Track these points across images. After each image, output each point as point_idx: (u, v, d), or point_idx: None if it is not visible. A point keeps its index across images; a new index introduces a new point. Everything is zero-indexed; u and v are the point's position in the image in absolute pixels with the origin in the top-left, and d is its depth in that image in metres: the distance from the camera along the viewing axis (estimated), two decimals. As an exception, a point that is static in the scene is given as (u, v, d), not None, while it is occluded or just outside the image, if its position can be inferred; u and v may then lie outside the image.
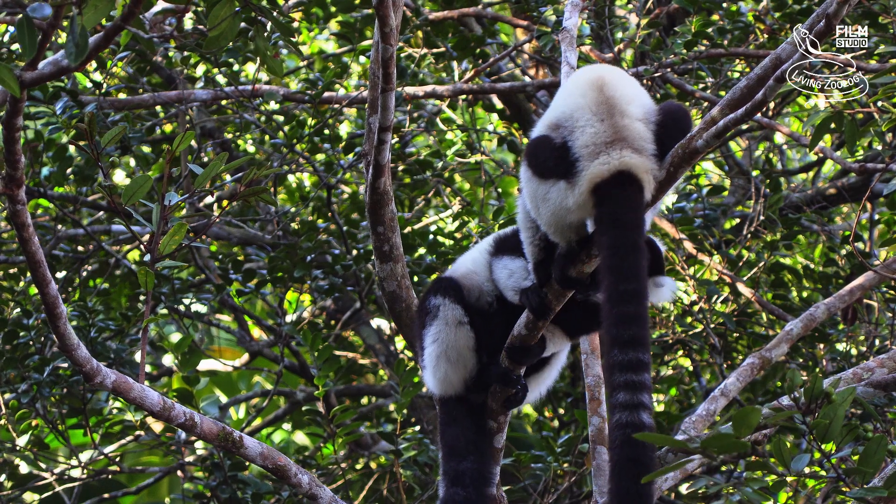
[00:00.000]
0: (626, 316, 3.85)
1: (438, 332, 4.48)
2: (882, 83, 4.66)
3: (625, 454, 3.74)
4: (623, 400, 3.78)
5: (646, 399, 3.78)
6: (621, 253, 3.92)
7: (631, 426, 3.75)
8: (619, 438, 3.76)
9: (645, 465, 3.73)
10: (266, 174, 7.29)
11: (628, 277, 3.89)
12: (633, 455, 3.73)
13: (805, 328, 5.19)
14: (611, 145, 4.03)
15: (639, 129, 4.05)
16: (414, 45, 7.84)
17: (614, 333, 3.84)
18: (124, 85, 7.52)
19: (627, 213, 3.98)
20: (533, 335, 4.37)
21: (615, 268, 3.91)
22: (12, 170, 3.44)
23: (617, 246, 3.93)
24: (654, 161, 4.02)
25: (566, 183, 4.05)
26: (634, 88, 4.20)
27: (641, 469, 3.72)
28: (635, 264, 3.92)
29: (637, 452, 3.73)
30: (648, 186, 4.00)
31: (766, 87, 3.77)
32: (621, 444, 3.75)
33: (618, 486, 3.73)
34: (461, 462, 4.47)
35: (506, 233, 4.59)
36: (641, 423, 3.75)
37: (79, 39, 3.03)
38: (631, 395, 3.78)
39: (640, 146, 4.02)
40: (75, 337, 3.79)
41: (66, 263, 7.70)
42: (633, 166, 3.99)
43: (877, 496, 3.37)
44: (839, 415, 3.38)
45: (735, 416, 3.32)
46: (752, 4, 7.50)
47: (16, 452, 6.88)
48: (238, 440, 4.18)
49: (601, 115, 4.07)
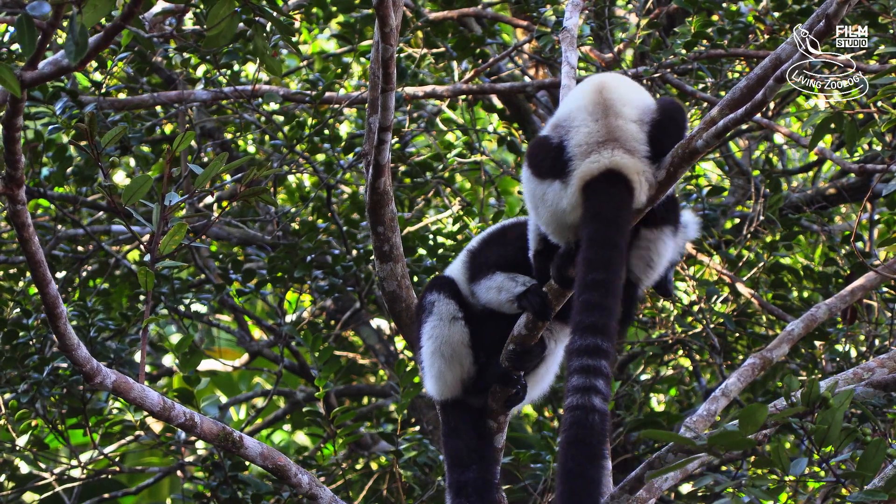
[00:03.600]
0: (590, 303, 3.88)
1: (433, 328, 4.48)
2: (882, 84, 4.66)
3: (573, 435, 3.77)
4: (576, 384, 3.82)
5: (600, 384, 3.81)
6: (596, 246, 3.95)
7: (581, 409, 3.78)
8: (569, 420, 3.79)
9: (593, 448, 3.76)
10: (266, 174, 7.29)
11: (598, 268, 3.91)
12: (581, 436, 3.76)
13: (806, 328, 5.19)
14: (603, 145, 4.05)
15: (632, 130, 4.06)
16: (414, 45, 7.84)
17: (577, 320, 3.88)
18: (124, 85, 7.52)
19: (609, 210, 4.01)
20: (533, 335, 4.37)
21: (588, 259, 3.95)
22: (12, 170, 3.44)
23: (594, 239, 3.97)
24: (648, 163, 4.03)
25: (560, 183, 4.07)
26: (634, 91, 4.21)
27: (589, 451, 3.75)
28: (608, 257, 3.94)
29: (585, 434, 3.77)
30: (640, 188, 4.02)
31: (766, 87, 3.77)
32: (569, 426, 3.78)
33: (565, 468, 3.76)
34: (464, 473, 4.48)
35: (473, 249, 4.59)
36: (592, 406, 3.78)
37: (78, 39, 3.03)
38: (585, 379, 3.81)
39: (633, 147, 4.04)
40: (75, 337, 3.78)
41: (66, 263, 7.70)
42: (623, 166, 4.01)
43: (877, 500, 3.36)
44: (837, 419, 3.38)
45: (742, 414, 3.32)
46: (752, 4, 7.50)
47: (16, 452, 6.88)
48: (238, 440, 4.18)
49: (596, 115, 4.09)
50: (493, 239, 4.57)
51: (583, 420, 3.78)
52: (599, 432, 3.79)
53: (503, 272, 4.40)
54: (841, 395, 3.42)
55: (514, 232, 4.51)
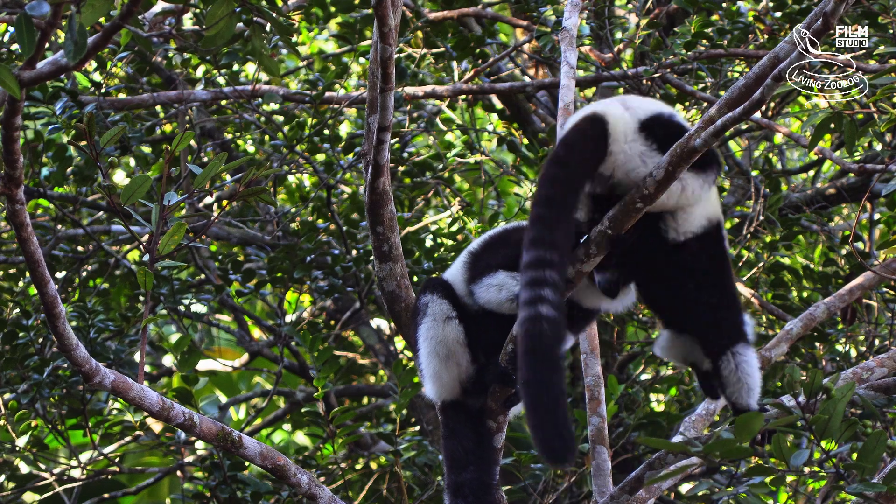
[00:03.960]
0: (532, 219, 3.99)
1: (428, 329, 4.48)
2: (881, 84, 4.66)
3: (525, 346, 3.85)
4: (524, 297, 3.90)
5: (546, 292, 3.87)
6: (548, 162, 4.09)
7: (530, 320, 3.86)
8: (520, 334, 3.89)
9: (547, 354, 3.84)
10: (266, 174, 7.29)
11: (542, 183, 4.03)
12: (533, 346, 3.85)
13: (805, 328, 5.19)
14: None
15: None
16: (414, 45, 7.84)
17: (525, 239, 3.99)
18: (124, 85, 7.52)
19: (571, 133, 4.13)
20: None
21: (540, 176, 4.11)
22: (11, 169, 3.44)
23: (549, 158, 4.12)
24: (638, 132, 4.11)
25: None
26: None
27: (543, 358, 3.83)
28: (550, 172, 4.04)
29: (537, 343, 3.85)
30: (619, 131, 4.09)
31: (764, 85, 3.77)
32: (521, 339, 3.87)
33: (524, 380, 3.84)
34: (461, 473, 4.48)
35: (475, 250, 4.60)
36: (540, 315, 3.86)
37: (77, 38, 3.03)
38: (531, 291, 3.89)
39: (629, 106, 4.17)
40: (74, 337, 3.78)
41: (66, 263, 7.70)
42: (608, 113, 4.12)
43: (876, 492, 3.37)
44: (839, 410, 3.38)
45: (737, 422, 3.32)
46: (751, 4, 7.50)
47: (16, 453, 6.88)
48: (237, 440, 4.18)
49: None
50: (497, 241, 4.57)
51: (532, 330, 3.85)
52: (550, 338, 3.86)
53: (506, 271, 4.40)
54: (843, 386, 3.42)
55: (517, 235, 4.52)
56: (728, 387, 4.21)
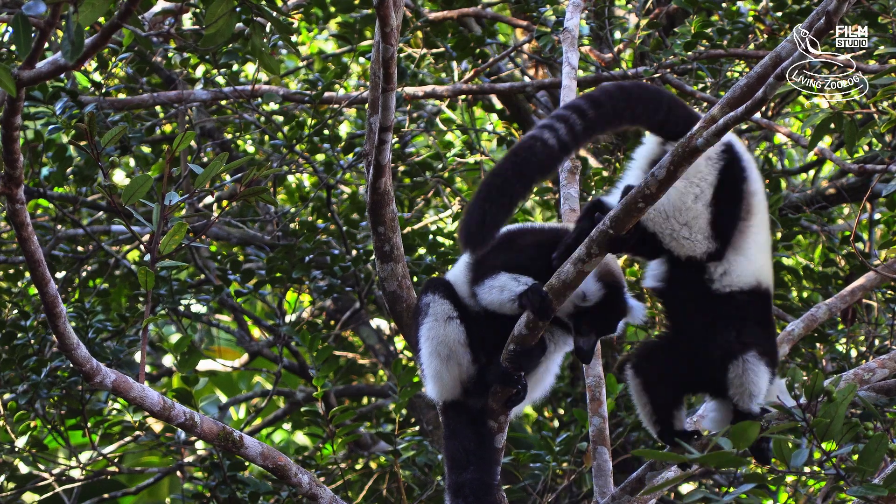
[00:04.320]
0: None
1: (429, 329, 4.47)
2: (882, 84, 4.66)
3: (511, 152, 4.14)
4: (539, 124, 4.18)
5: (558, 125, 4.11)
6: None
7: (531, 138, 4.11)
8: (515, 145, 4.16)
9: (525, 165, 4.08)
10: (266, 174, 7.28)
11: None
12: (517, 152, 4.10)
13: (806, 328, 5.18)
14: None
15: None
16: (414, 45, 7.83)
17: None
18: (124, 85, 7.52)
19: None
20: (533, 335, 4.36)
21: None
22: (11, 169, 3.44)
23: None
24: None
25: None
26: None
27: (520, 166, 4.08)
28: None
29: (523, 154, 4.09)
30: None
31: (766, 84, 3.76)
32: (514, 147, 4.15)
33: (489, 175, 4.14)
34: (462, 474, 4.48)
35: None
36: (541, 137, 4.10)
37: (75, 37, 3.02)
38: (549, 121, 4.15)
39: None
40: (75, 336, 3.78)
41: (66, 263, 7.70)
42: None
43: (877, 494, 3.36)
44: (840, 413, 3.36)
45: (734, 430, 3.30)
46: (751, 4, 7.49)
47: (15, 453, 6.87)
48: (238, 440, 4.17)
49: None
50: (500, 243, 4.56)
51: (526, 143, 4.11)
52: (537, 155, 4.08)
53: (508, 272, 4.40)
54: (845, 389, 3.41)
55: (519, 237, 4.51)
56: (731, 388, 4.21)
